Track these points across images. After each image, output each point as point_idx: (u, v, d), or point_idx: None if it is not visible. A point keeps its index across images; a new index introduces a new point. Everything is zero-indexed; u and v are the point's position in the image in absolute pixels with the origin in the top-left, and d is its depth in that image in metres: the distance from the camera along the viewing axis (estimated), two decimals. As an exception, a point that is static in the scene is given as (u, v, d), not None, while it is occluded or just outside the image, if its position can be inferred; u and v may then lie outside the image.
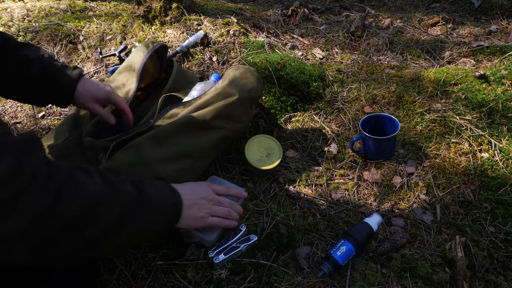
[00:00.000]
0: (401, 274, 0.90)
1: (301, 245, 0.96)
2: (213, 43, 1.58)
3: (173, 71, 1.26)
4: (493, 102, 1.28)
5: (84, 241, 0.62)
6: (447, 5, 2.20)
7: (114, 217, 0.65)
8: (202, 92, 1.15)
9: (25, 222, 0.53)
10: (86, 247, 0.63)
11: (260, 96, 1.14)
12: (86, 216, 0.61)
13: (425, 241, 0.97)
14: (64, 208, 0.58)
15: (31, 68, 0.92)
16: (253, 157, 1.11)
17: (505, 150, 1.16)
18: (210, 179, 1.05)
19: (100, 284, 0.90)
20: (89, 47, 1.76)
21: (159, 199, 0.75)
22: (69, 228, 0.59)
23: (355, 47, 1.80)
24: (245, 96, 1.05)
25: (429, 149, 1.19)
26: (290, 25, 2.03)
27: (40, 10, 2.04)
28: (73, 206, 0.59)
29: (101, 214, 0.63)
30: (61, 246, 0.60)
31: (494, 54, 1.56)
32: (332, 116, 1.35)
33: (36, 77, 0.93)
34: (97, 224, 0.62)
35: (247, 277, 0.88)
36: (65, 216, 0.58)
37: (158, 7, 1.63)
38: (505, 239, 0.97)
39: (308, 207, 1.06)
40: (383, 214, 1.03)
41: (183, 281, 0.88)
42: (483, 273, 0.91)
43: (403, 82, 1.45)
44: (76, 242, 0.61)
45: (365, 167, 1.17)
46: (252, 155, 1.11)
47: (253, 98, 1.09)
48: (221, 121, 1.03)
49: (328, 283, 0.88)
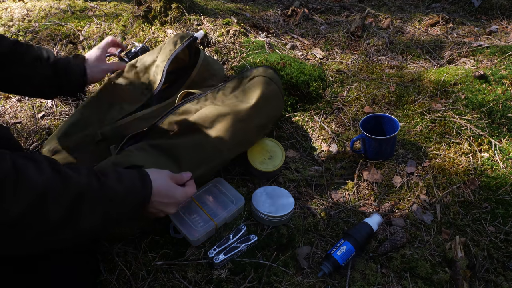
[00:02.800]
0: (401, 274, 0.89)
1: (301, 245, 0.96)
2: (213, 43, 1.58)
3: (198, 62, 1.26)
4: (493, 102, 1.28)
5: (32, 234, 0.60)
6: (447, 5, 2.20)
7: (62, 211, 0.62)
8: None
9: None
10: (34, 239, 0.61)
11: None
12: (34, 208, 0.58)
13: (425, 241, 0.97)
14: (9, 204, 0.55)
15: (43, 67, 1.02)
16: (255, 159, 1.11)
17: (505, 150, 1.16)
18: (215, 180, 1.06)
19: (100, 284, 0.90)
20: (89, 47, 1.76)
21: (123, 188, 0.73)
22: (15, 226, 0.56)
23: (355, 47, 1.80)
24: (263, 124, 1.07)
25: (429, 149, 1.19)
26: (290, 25, 2.03)
27: (40, 10, 2.04)
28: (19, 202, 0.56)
29: (49, 207, 0.60)
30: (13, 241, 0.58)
31: (494, 54, 1.56)
32: (332, 116, 1.35)
33: (49, 76, 1.03)
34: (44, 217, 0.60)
35: (247, 277, 0.88)
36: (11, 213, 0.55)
37: (158, 7, 1.63)
38: (505, 239, 0.97)
39: (308, 207, 1.06)
40: (383, 214, 1.03)
41: (183, 281, 0.88)
42: (483, 273, 0.91)
43: (403, 82, 1.45)
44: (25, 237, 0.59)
45: (365, 167, 1.17)
46: (255, 157, 1.11)
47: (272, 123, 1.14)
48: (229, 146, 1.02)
49: (328, 283, 0.88)
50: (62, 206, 0.62)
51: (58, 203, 0.61)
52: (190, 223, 0.94)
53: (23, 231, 0.58)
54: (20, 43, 1.01)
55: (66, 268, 0.84)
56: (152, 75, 1.23)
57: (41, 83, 1.03)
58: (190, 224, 0.93)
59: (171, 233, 0.96)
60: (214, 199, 1.01)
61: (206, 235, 0.94)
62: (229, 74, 1.46)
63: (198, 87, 1.24)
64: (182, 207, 0.97)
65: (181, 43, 1.23)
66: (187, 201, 0.98)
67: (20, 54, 0.99)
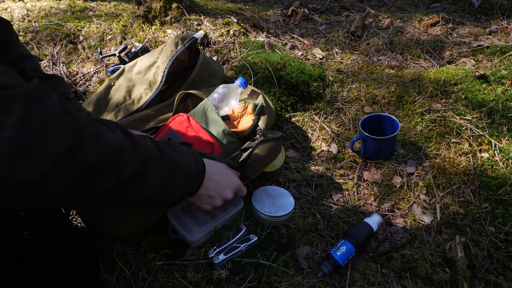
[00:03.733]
0: (401, 274, 0.90)
1: (301, 245, 0.96)
2: (213, 43, 1.58)
3: (198, 63, 1.27)
4: (493, 102, 1.28)
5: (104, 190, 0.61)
6: (447, 5, 2.20)
7: (134, 170, 0.63)
8: (223, 96, 1.15)
9: (48, 166, 0.51)
10: (106, 196, 0.62)
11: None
12: (106, 164, 0.59)
13: (425, 241, 0.97)
14: (85, 153, 0.55)
15: None
16: None
17: (505, 150, 1.16)
18: None
19: (100, 284, 0.90)
20: (89, 47, 1.76)
21: (181, 160, 0.74)
22: (88, 175, 0.56)
23: (355, 47, 1.80)
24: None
25: (429, 149, 1.19)
26: (290, 25, 2.03)
27: (40, 10, 2.04)
28: (93, 153, 0.56)
29: (121, 164, 0.61)
30: (82, 193, 0.58)
31: (494, 54, 1.56)
32: (332, 116, 1.35)
33: None
34: (116, 173, 0.61)
35: (247, 277, 0.88)
36: (85, 161, 0.55)
37: (158, 7, 1.63)
38: (505, 239, 0.97)
39: (308, 207, 1.06)
40: (383, 214, 1.03)
41: (183, 281, 0.88)
42: (483, 273, 0.91)
43: (403, 82, 1.45)
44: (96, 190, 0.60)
45: (365, 167, 1.17)
46: None
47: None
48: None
49: (328, 283, 0.88)
50: (133, 165, 0.63)
51: (130, 161, 0.63)
52: (189, 225, 0.93)
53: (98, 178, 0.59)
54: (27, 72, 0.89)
55: (67, 268, 0.84)
56: (153, 76, 1.23)
57: None
58: (189, 226, 0.93)
59: (169, 235, 0.95)
60: None
61: (205, 236, 0.94)
62: (229, 74, 1.46)
63: (198, 88, 1.24)
64: (181, 209, 0.96)
65: (182, 45, 1.23)
66: (186, 202, 0.97)
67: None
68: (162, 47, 1.28)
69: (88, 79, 1.65)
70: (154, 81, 1.22)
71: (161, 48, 1.28)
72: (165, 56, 1.23)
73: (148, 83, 1.22)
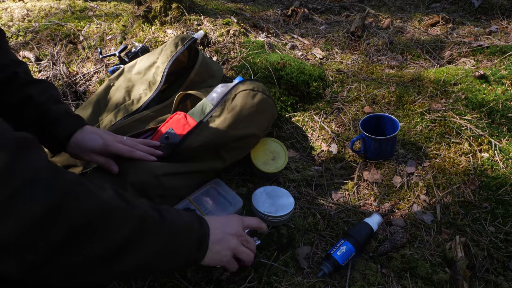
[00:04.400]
0: (401, 274, 0.90)
1: (301, 245, 0.96)
2: (213, 43, 1.58)
3: (196, 63, 1.27)
4: (493, 102, 1.28)
5: (86, 258, 0.54)
6: (447, 5, 2.20)
7: (125, 234, 0.57)
8: (222, 95, 1.14)
9: (26, 226, 0.47)
10: (88, 265, 0.55)
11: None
12: (93, 226, 0.53)
13: (425, 241, 0.97)
14: (69, 213, 0.51)
15: (31, 110, 0.87)
16: (258, 159, 1.11)
17: (505, 150, 1.16)
18: (213, 182, 1.05)
19: (100, 284, 0.90)
20: (89, 47, 1.76)
21: (182, 224, 0.67)
22: (72, 238, 0.51)
23: (355, 47, 1.80)
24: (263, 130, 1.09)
25: (429, 149, 1.19)
26: (290, 25, 2.03)
27: (40, 10, 2.04)
28: (80, 212, 0.52)
29: (110, 227, 0.55)
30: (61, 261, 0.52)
31: (494, 54, 1.56)
32: (332, 116, 1.35)
33: (32, 122, 0.88)
34: (104, 238, 0.54)
35: (247, 277, 0.88)
36: (69, 222, 0.51)
37: (158, 7, 1.63)
38: (505, 239, 0.97)
39: (308, 207, 1.06)
40: (383, 214, 1.03)
41: (183, 281, 0.88)
42: (483, 273, 0.91)
43: (403, 82, 1.45)
44: (77, 258, 0.53)
45: (365, 167, 1.17)
46: (258, 158, 1.11)
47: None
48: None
49: (328, 283, 0.88)
50: (127, 226, 0.57)
51: (123, 222, 0.57)
52: None
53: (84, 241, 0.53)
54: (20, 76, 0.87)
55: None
56: (152, 76, 1.23)
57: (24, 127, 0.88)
58: None
59: None
60: (212, 201, 1.00)
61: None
62: (229, 75, 1.46)
63: (197, 88, 1.24)
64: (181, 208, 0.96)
65: (182, 45, 1.23)
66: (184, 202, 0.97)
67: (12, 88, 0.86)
68: (162, 48, 1.28)
69: (88, 79, 1.65)
70: (153, 81, 1.22)
71: (161, 48, 1.28)
72: (165, 57, 1.23)
73: (148, 83, 1.22)
